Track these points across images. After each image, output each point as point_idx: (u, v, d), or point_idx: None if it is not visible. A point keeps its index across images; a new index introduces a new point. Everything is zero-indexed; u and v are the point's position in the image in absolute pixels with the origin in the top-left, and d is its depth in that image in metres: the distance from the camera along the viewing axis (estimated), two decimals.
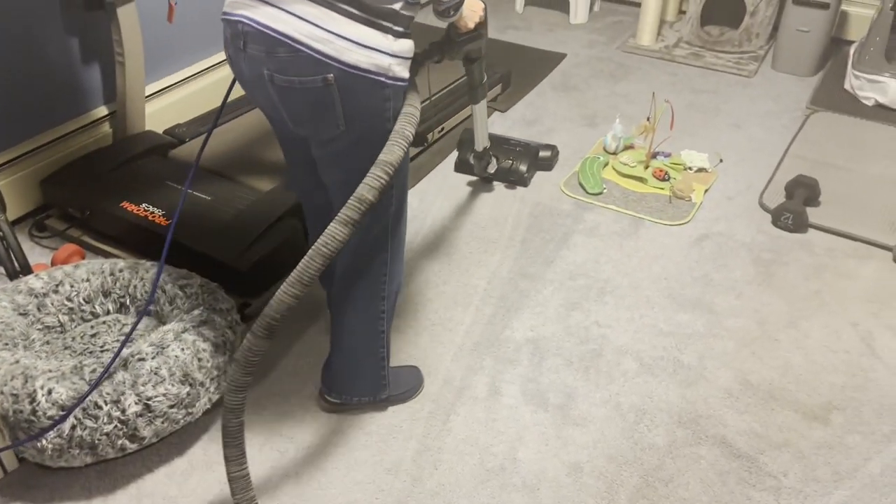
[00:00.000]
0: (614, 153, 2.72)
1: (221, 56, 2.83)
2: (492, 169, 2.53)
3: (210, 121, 2.64)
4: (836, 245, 2.33)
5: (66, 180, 2.29)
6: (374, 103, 1.36)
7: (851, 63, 3.14)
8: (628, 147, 2.72)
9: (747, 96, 3.18)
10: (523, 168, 2.58)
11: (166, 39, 2.62)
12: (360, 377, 1.72)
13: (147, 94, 2.55)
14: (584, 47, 3.57)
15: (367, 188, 1.29)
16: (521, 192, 2.57)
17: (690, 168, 2.64)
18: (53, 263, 2.11)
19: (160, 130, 2.59)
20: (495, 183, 2.62)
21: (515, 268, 2.24)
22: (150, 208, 2.15)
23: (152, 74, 2.61)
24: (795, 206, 2.37)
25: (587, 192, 2.54)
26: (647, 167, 2.61)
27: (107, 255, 2.21)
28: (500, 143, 2.65)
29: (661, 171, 2.58)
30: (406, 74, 1.37)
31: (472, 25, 1.75)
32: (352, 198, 1.30)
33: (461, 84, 2.90)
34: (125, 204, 2.18)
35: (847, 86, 3.14)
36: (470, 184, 2.61)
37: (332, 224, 1.29)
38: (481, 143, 2.41)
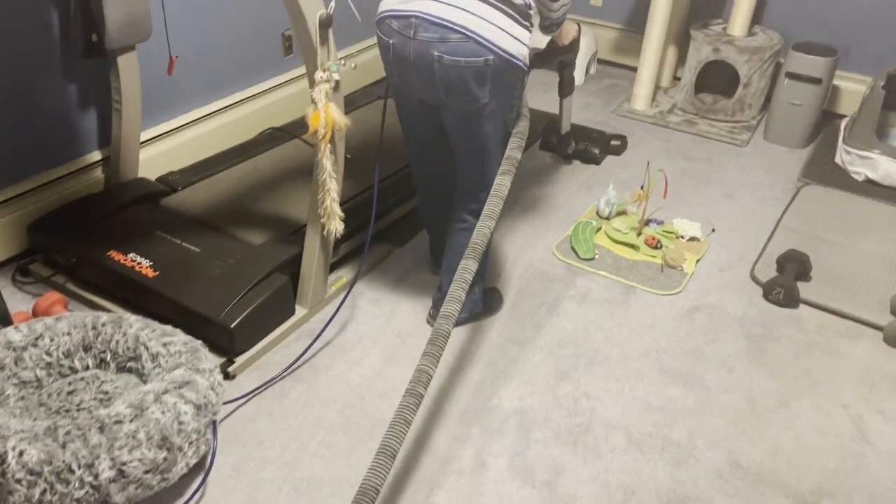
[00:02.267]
0: (607, 218, 2.72)
1: (219, 104, 2.83)
2: (570, 149, 3.10)
3: (204, 170, 2.62)
4: (827, 322, 2.33)
5: (53, 226, 2.26)
6: (512, 82, 1.80)
7: (842, 138, 3.18)
8: (621, 213, 2.73)
9: (739, 166, 3.21)
10: (596, 150, 3.13)
11: (164, 85, 2.62)
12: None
13: (142, 139, 2.54)
14: (579, 109, 3.61)
15: (516, 150, 1.85)
16: (513, 254, 2.56)
17: (682, 237, 2.64)
18: (35, 312, 2.07)
19: (153, 177, 2.57)
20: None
21: (505, 332, 2.21)
22: (138, 259, 2.12)
23: (148, 120, 2.60)
24: (787, 281, 2.37)
25: (579, 257, 2.53)
26: (639, 234, 2.61)
27: (91, 304, 2.17)
28: (579, 130, 3.22)
29: (653, 238, 2.58)
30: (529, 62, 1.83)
31: (567, 42, 2.21)
32: (504, 160, 1.84)
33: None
34: (112, 253, 2.14)
35: (838, 160, 3.17)
36: None
37: (498, 177, 1.81)
38: (564, 128, 3.01)
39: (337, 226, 2.02)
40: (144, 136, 2.58)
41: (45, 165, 2.36)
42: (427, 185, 2.24)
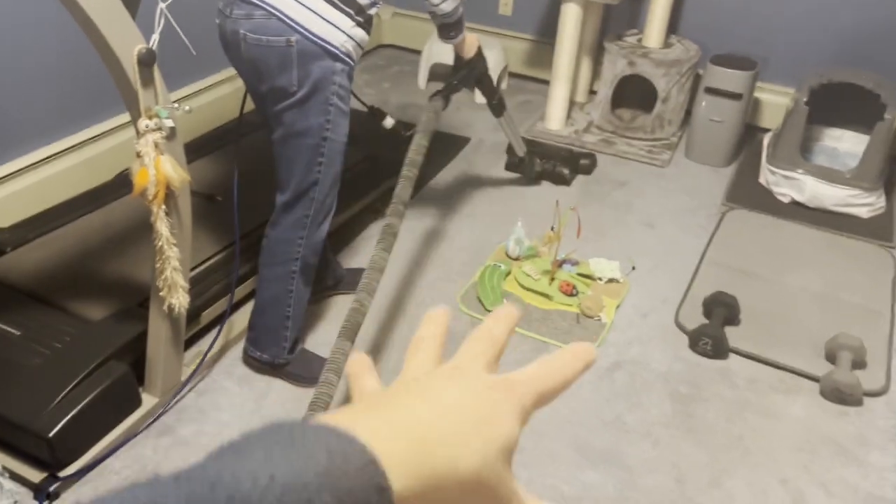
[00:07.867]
0: (517, 259, 2.43)
1: (66, 143, 2.42)
2: (538, 168, 2.88)
3: (43, 224, 2.22)
4: (760, 374, 2.09)
5: None
6: (324, 73, 1.64)
7: (766, 156, 2.98)
8: (533, 255, 2.44)
9: (661, 189, 2.97)
10: (565, 171, 2.91)
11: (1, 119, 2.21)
12: (265, 333, 1.89)
13: None
14: (490, 131, 3.31)
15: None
16: (411, 311, 2.24)
17: (600, 279, 2.37)
18: None
19: None
20: (384, 302, 2.28)
21: None
22: None
23: None
24: (714, 329, 2.12)
25: (486, 309, 2.24)
26: (552, 279, 2.33)
27: None
28: (546, 149, 3.04)
29: (568, 284, 2.30)
30: (355, 57, 1.68)
31: (472, 53, 2.16)
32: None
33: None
34: None
35: (762, 180, 2.97)
36: None
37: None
38: (518, 149, 2.77)
39: (181, 299, 1.67)
40: None
41: None
42: None
